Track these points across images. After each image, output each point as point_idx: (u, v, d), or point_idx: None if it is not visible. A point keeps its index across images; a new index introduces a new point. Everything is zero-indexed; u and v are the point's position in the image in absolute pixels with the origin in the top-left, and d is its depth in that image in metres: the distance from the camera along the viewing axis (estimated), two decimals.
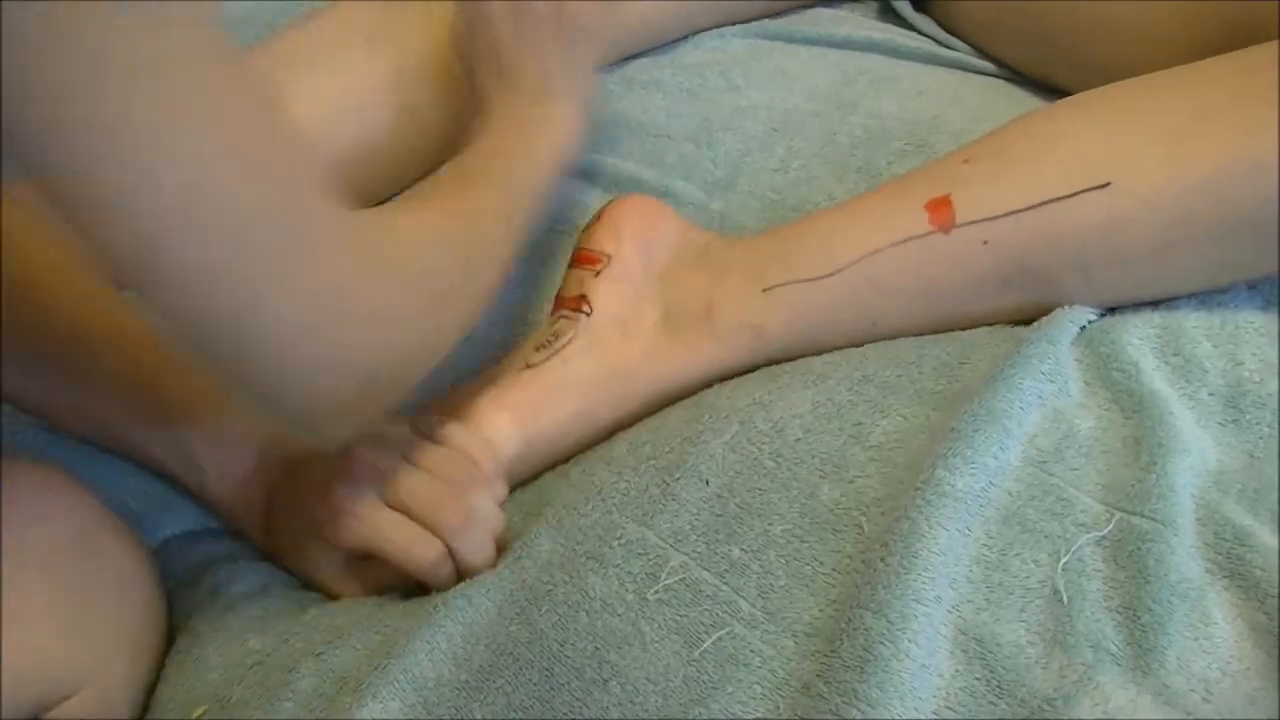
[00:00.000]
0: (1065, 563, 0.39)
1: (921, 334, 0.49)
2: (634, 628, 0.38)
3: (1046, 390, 0.45)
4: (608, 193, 0.60)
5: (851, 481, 0.42)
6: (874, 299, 0.49)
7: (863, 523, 0.41)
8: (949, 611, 0.38)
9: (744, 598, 0.39)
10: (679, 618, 0.38)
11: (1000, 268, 0.47)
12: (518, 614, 0.41)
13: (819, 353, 0.49)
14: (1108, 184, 0.45)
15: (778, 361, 0.50)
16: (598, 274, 0.52)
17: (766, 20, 0.67)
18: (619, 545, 0.42)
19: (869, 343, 0.49)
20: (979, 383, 0.44)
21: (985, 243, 0.46)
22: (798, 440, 0.44)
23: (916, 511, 0.39)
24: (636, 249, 0.53)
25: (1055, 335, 0.46)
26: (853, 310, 0.49)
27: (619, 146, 0.62)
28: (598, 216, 0.54)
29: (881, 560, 0.38)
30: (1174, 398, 0.45)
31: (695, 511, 0.42)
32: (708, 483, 0.43)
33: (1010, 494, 0.41)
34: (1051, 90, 0.59)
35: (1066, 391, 0.45)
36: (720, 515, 0.42)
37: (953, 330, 0.49)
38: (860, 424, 0.44)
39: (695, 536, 0.41)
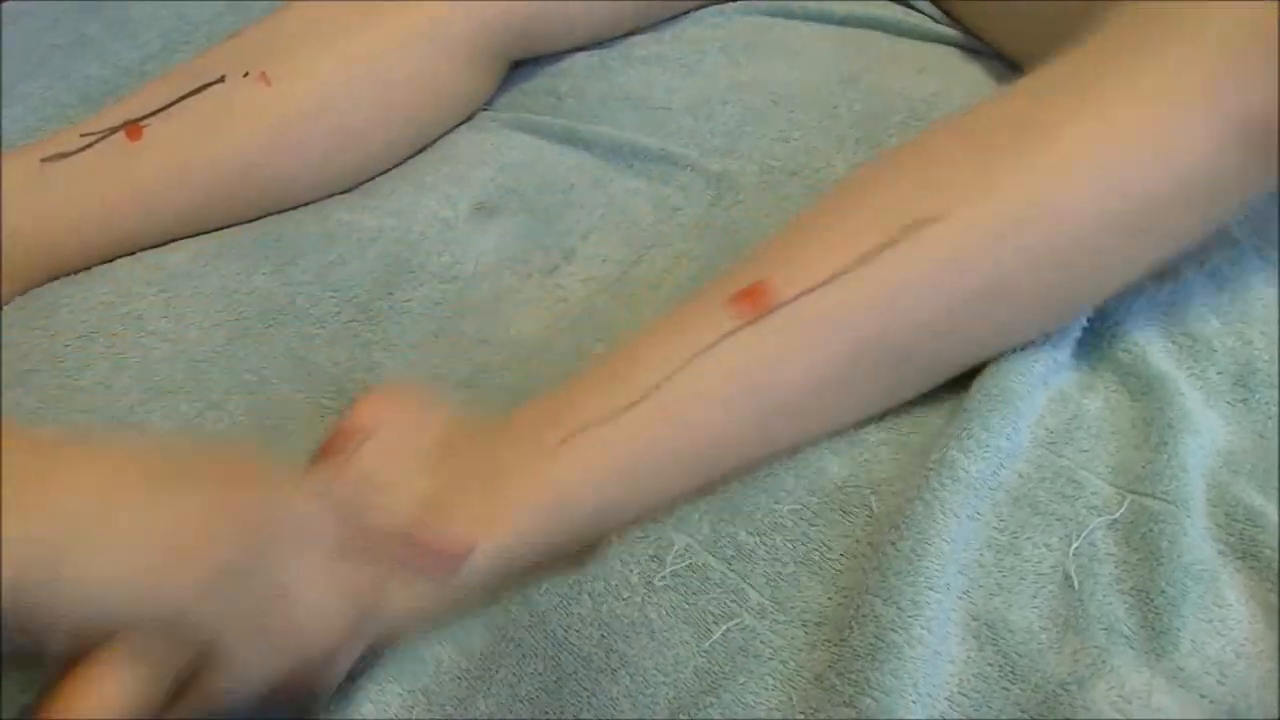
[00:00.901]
0: (1077, 546, 0.38)
1: (795, 447, 0.42)
2: (641, 614, 0.37)
3: (1052, 371, 0.44)
4: (604, 160, 0.59)
5: (862, 461, 0.41)
6: (701, 422, 0.40)
7: (872, 503, 0.40)
8: (960, 597, 0.38)
9: (752, 586, 0.38)
10: (687, 606, 0.38)
11: (840, 348, 0.40)
12: (516, 591, 0.39)
13: (662, 505, 0.40)
14: (933, 219, 0.40)
15: (606, 540, 0.40)
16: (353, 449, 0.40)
17: None
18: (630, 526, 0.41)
19: (732, 476, 0.41)
20: (989, 362, 0.44)
21: (810, 322, 0.40)
22: None
23: (930, 494, 0.39)
24: (397, 429, 0.41)
25: None
26: (679, 442, 0.40)
27: (617, 117, 0.61)
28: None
29: (892, 545, 0.38)
30: (1182, 377, 0.44)
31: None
32: None
33: (1021, 476, 0.41)
34: None
35: (1072, 373, 0.44)
36: (724, 494, 0.41)
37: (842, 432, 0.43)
38: None
39: (698, 516, 0.40)
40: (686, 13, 0.65)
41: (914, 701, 0.34)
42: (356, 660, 0.36)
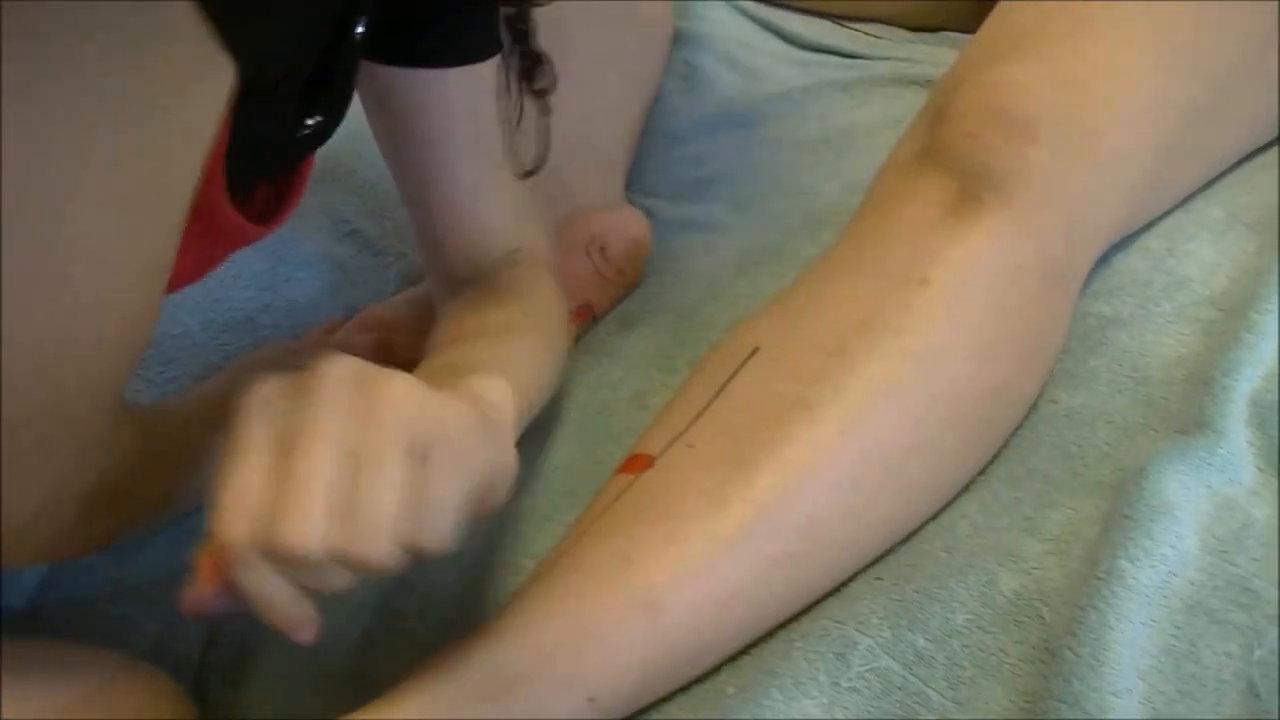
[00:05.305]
0: (1259, 655, 0.39)
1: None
2: (828, 715, 0.39)
3: (1216, 479, 0.45)
4: (751, 252, 0.61)
5: (1029, 572, 0.43)
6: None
7: (1044, 613, 0.42)
8: (1141, 703, 0.39)
9: (933, 689, 0.40)
10: (871, 708, 0.40)
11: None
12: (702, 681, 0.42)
13: None
14: (756, 349, 0.47)
15: None
16: None
17: None
18: (805, 619, 0.43)
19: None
20: (1146, 472, 0.45)
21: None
22: (969, 535, 0.45)
23: (1102, 602, 0.40)
24: None
25: (1221, 423, 0.46)
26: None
27: (767, 204, 0.64)
28: None
29: (1071, 651, 0.39)
30: None
31: (872, 596, 0.44)
32: (880, 579, 0.44)
33: (1192, 584, 0.42)
34: None
35: (1238, 480, 0.45)
36: (899, 600, 0.43)
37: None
38: (1030, 517, 0.45)
39: (876, 620, 0.42)
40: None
41: None
42: None
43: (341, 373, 0.32)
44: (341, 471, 0.30)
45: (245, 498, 0.30)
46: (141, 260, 0.33)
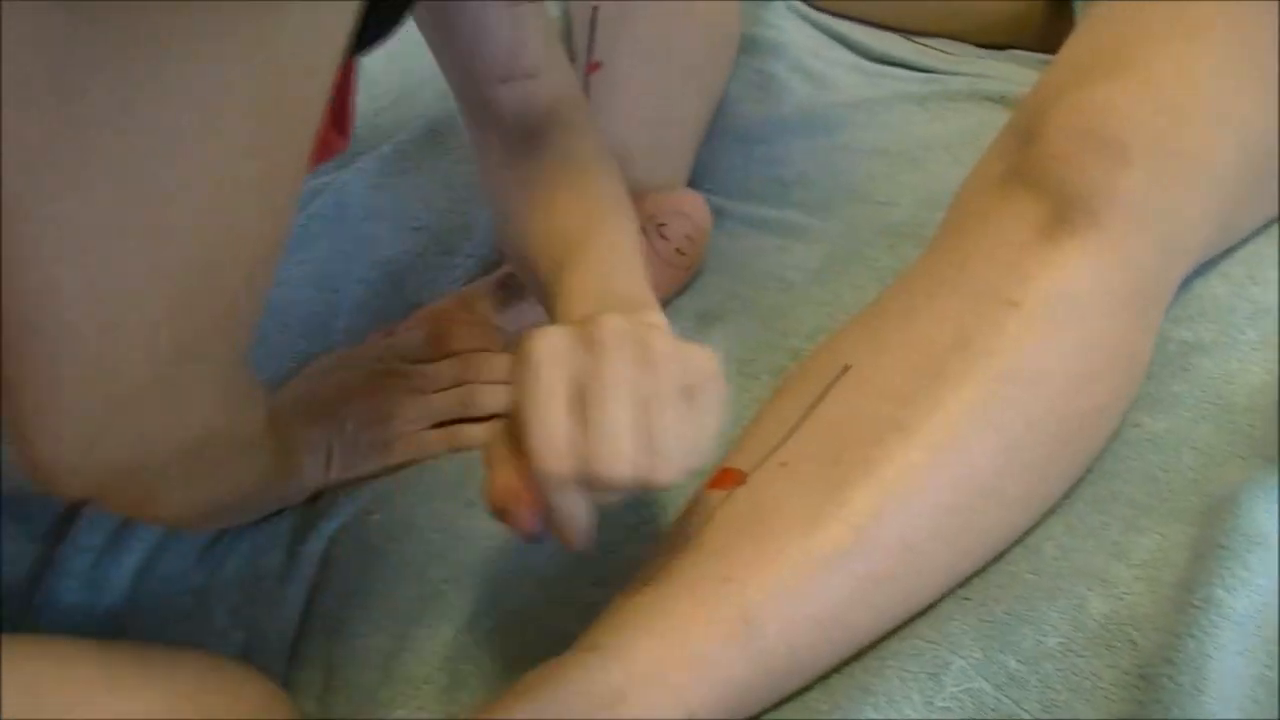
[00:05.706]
0: None
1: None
2: None
3: None
4: (830, 257, 0.61)
5: (1120, 597, 0.43)
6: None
7: (1136, 638, 0.42)
8: None
9: (1027, 711, 0.40)
10: None
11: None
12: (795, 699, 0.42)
13: None
14: (847, 367, 0.47)
15: None
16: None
17: None
18: (894, 638, 0.43)
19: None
20: (1238, 499, 0.45)
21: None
22: (1055, 558, 0.45)
23: (1200, 631, 0.40)
24: None
25: None
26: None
27: (843, 211, 0.64)
28: None
29: (1169, 679, 0.39)
30: None
31: (962, 616, 0.44)
32: (968, 599, 0.45)
33: None
34: None
35: None
36: (989, 621, 0.43)
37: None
38: (1118, 542, 0.46)
39: (969, 640, 0.43)
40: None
41: None
42: None
43: (618, 328, 0.38)
44: (635, 413, 0.36)
45: (558, 438, 0.36)
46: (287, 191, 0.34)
